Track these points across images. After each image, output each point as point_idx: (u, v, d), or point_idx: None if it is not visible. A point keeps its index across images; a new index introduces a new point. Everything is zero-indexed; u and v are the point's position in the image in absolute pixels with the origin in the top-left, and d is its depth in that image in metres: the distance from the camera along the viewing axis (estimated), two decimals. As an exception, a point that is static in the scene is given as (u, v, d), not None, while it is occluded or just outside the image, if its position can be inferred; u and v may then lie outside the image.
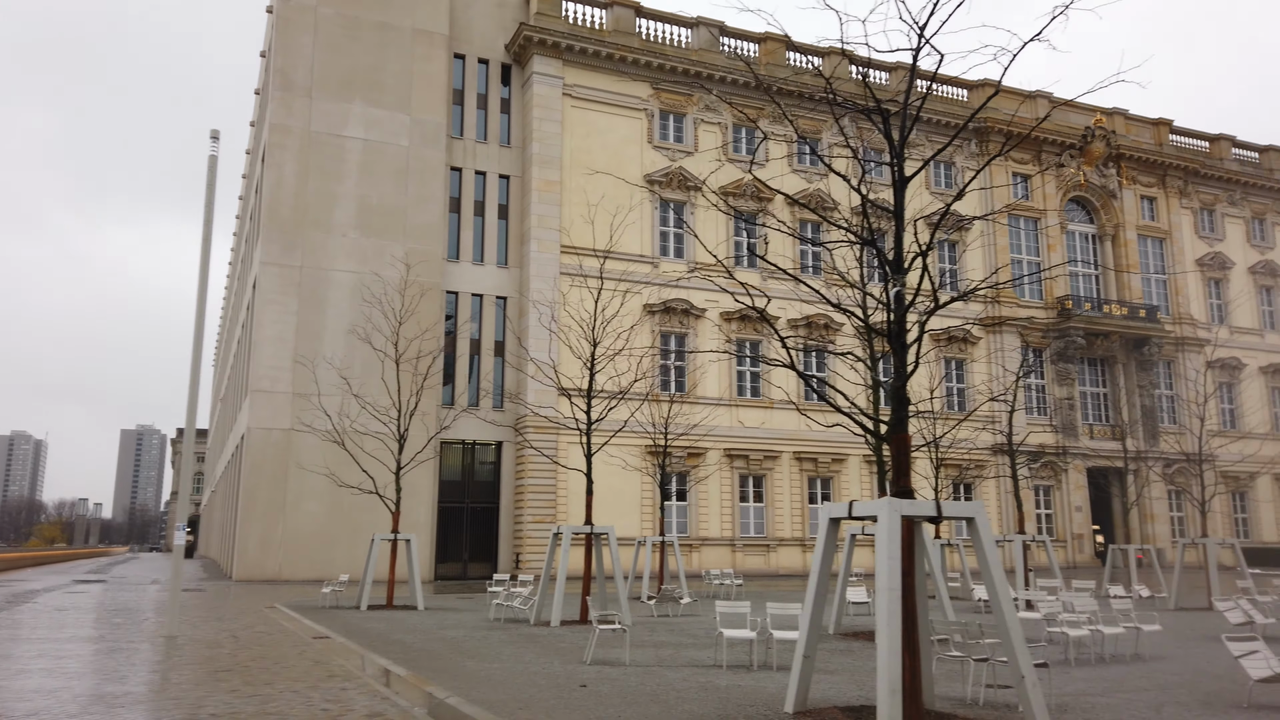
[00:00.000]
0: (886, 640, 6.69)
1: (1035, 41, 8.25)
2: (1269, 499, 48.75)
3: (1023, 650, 7.05)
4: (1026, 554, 23.29)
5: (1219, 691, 9.74)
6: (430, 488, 35.16)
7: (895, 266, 7.92)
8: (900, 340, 7.73)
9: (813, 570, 7.78)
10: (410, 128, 36.50)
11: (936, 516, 7.25)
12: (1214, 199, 50.42)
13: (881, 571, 6.95)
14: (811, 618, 7.61)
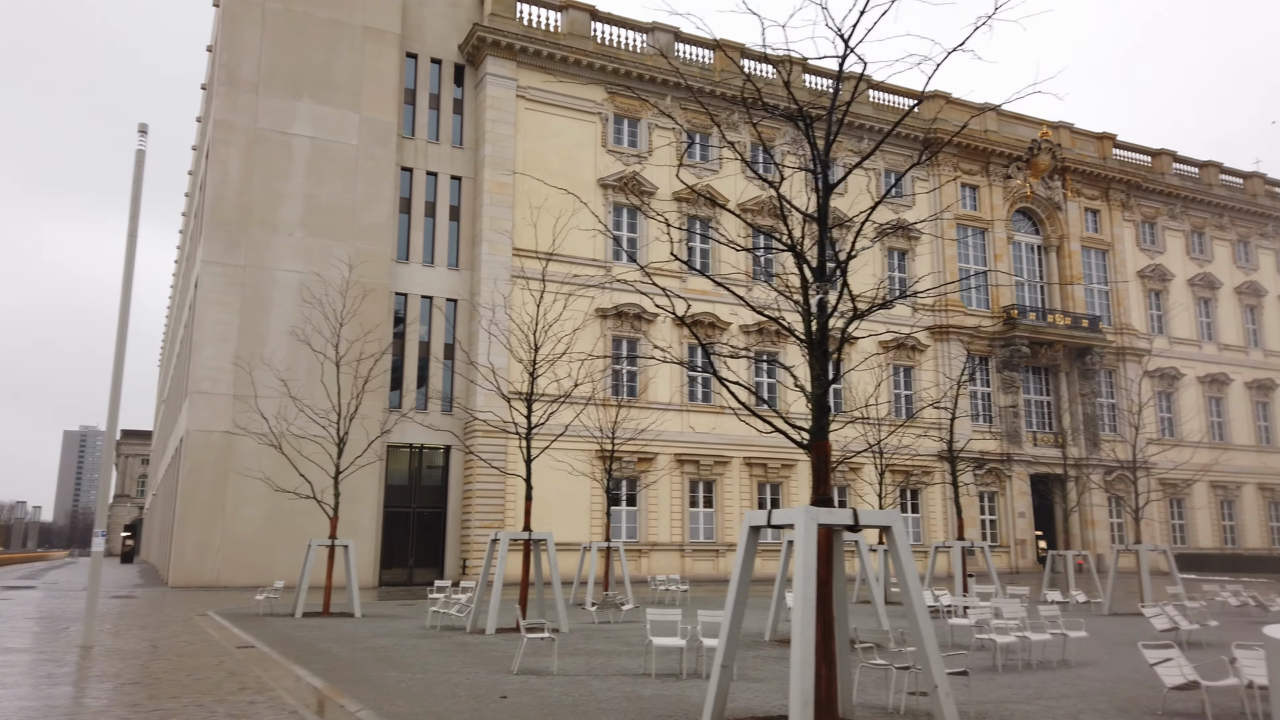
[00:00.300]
0: (800, 650, 6.63)
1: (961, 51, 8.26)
2: (1205, 506, 50.05)
3: (936, 659, 7.04)
4: (966, 560, 23.49)
5: (1137, 698, 9.86)
6: (375, 492, 34.61)
7: (819, 274, 7.89)
8: (821, 347, 7.70)
9: (732, 579, 7.70)
10: (360, 126, 35.97)
11: (854, 525, 7.22)
12: (1155, 212, 51.72)
13: (797, 580, 6.89)
14: (730, 627, 7.53)
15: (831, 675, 7.13)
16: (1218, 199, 53.56)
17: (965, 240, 47.17)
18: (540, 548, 17.07)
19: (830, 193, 8.36)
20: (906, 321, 44.62)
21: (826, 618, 7.21)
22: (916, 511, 44.18)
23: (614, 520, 38.11)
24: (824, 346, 7.69)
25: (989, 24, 7.91)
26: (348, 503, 33.82)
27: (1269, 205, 55.58)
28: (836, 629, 7.75)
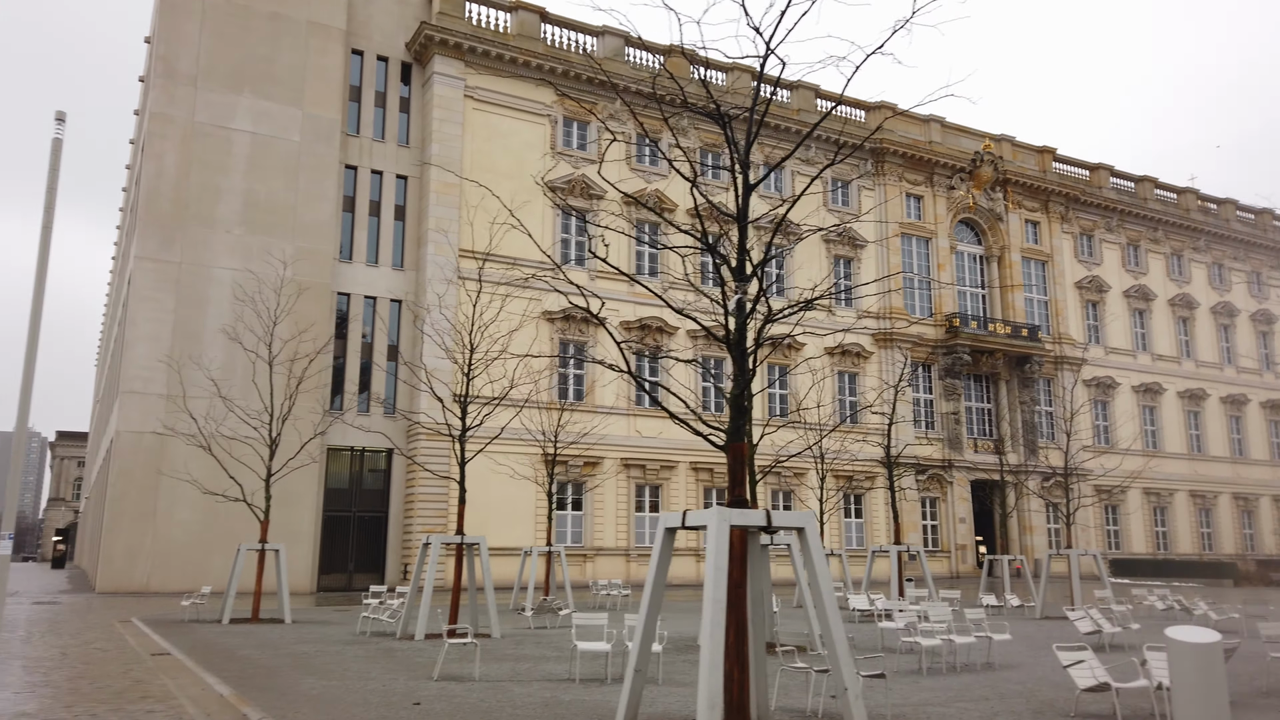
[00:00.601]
0: (709, 652, 6.55)
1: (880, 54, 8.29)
2: (1138, 512, 51.35)
3: (846, 662, 7.02)
4: (903, 564, 23.74)
5: (1053, 700, 9.98)
6: (315, 495, 33.93)
7: (738, 274, 7.84)
8: (740, 348, 7.65)
9: (647, 582, 7.60)
10: (303, 123, 35.30)
11: (767, 526, 7.17)
12: (1093, 225, 53.03)
13: (708, 582, 6.82)
14: (644, 631, 7.43)
15: (744, 678, 7.07)
16: (1153, 213, 55.12)
17: (910, 249, 47.85)
18: (473, 552, 16.81)
19: (750, 193, 8.32)
20: (852, 328, 45.10)
21: (740, 620, 7.15)
22: (860, 516, 44.63)
23: (559, 524, 37.85)
24: (742, 348, 7.64)
25: (907, 28, 7.96)
26: (285, 506, 33.14)
27: (1201, 220, 57.35)
28: (753, 632, 7.69)
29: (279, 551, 20.74)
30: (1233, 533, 54.20)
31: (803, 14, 8.14)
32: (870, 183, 47.33)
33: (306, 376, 22.62)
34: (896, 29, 7.98)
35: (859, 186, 47.06)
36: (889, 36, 8.06)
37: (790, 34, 7.86)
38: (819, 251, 45.35)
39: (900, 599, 21.42)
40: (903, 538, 44.92)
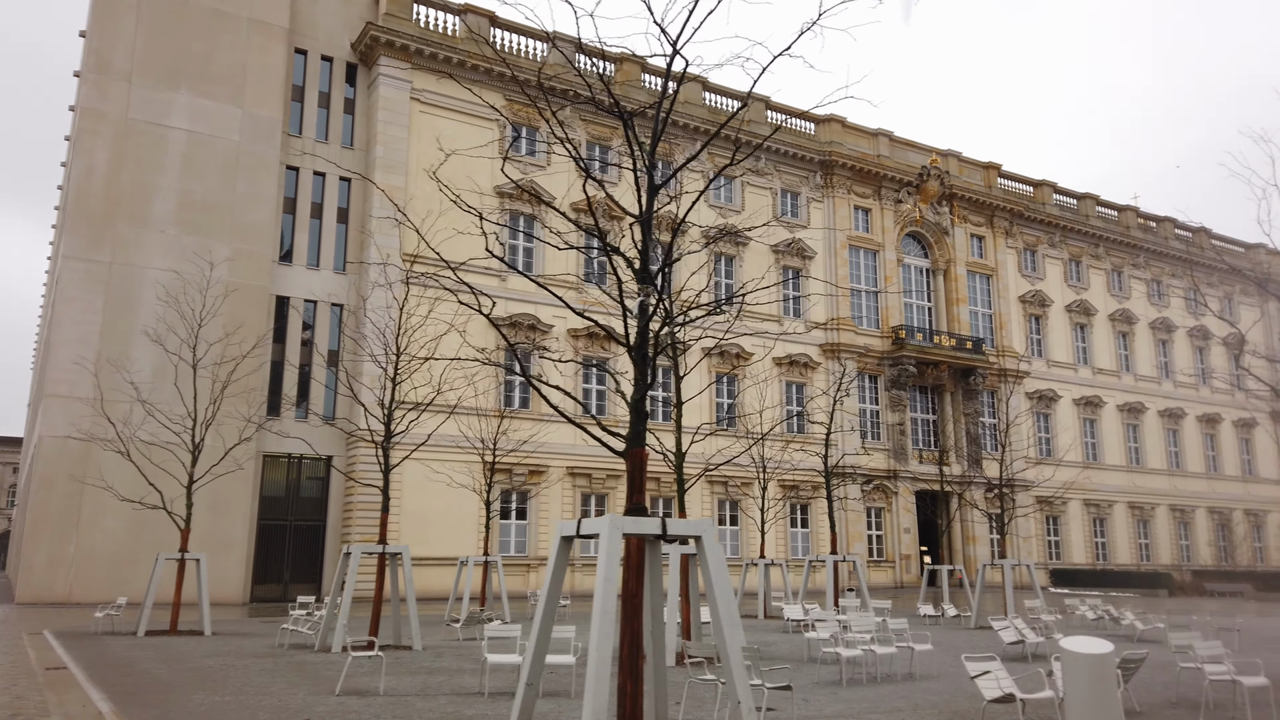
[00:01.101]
0: (595, 667, 6.30)
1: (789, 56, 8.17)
2: (1078, 523, 52.23)
3: (741, 676, 6.82)
4: (838, 574, 23.72)
5: (965, 711, 9.90)
6: (248, 503, 33.08)
7: (641, 276, 7.64)
8: (641, 351, 7.44)
9: (541, 592, 7.34)
10: (242, 121, 34.53)
11: (663, 535, 6.95)
12: (1036, 240, 54.02)
13: (597, 592, 6.58)
14: (537, 643, 7.16)
15: (637, 692, 6.83)
16: (1094, 230, 56.33)
17: (858, 261, 48.28)
18: (396, 561, 16.37)
19: (654, 194, 8.14)
20: (800, 340, 45.33)
21: (635, 632, 6.91)
22: (806, 526, 44.76)
23: (503, 534, 37.38)
24: (643, 351, 7.44)
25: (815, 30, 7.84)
26: (216, 514, 32.25)
27: (1141, 238, 58.75)
28: (653, 644, 7.46)
29: (200, 561, 20.05)
30: (1169, 544, 55.40)
31: (709, 12, 7.99)
32: (819, 195, 47.68)
33: (233, 380, 21.96)
34: (803, 31, 7.88)
35: (808, 199, 47.37)
36: (796, 38, 7.96)
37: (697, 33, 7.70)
38: (768, 262, 45.51)
39: (835, 609, 21.38)
40: (848, 548, 45.18)
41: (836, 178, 47.67)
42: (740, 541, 42.40)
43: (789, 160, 46.80)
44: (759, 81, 8.46)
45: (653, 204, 8.01)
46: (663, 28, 7.96)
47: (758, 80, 8.30)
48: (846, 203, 47.94)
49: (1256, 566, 56.92)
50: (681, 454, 16.89)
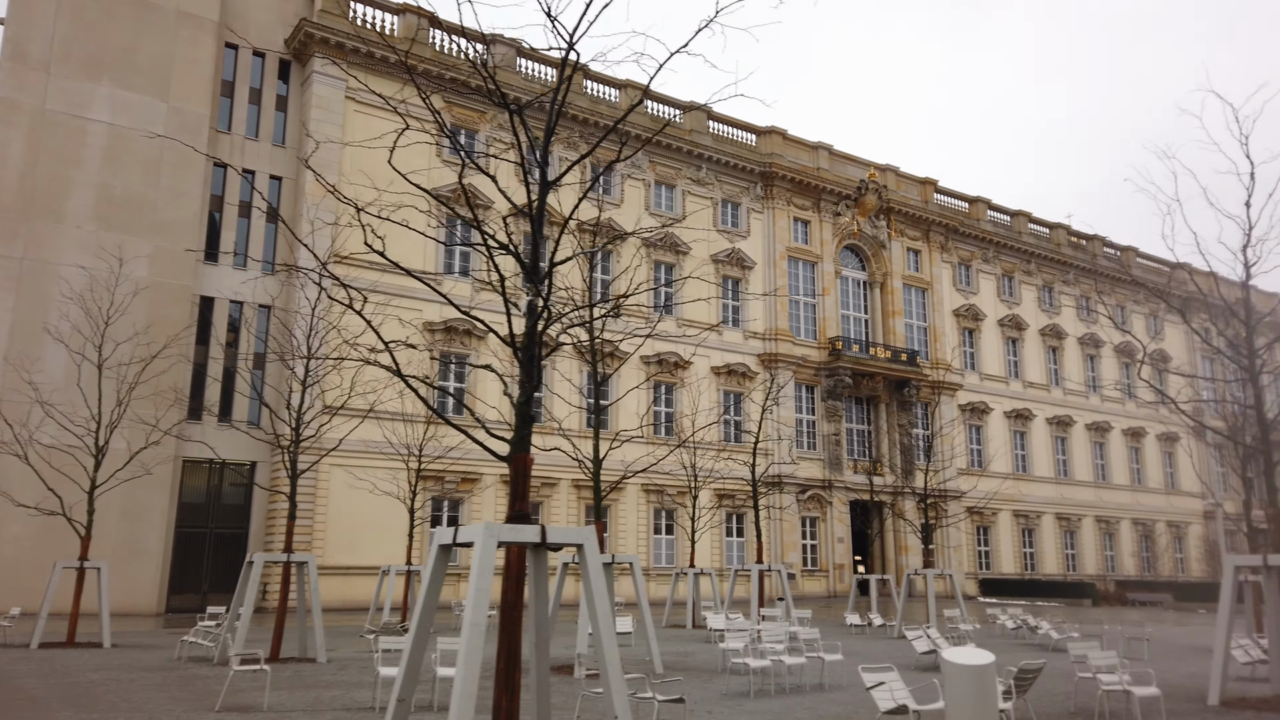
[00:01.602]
0: (462, 682, 6.03)
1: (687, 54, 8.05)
2: (1008, 533, 53.24)
3: (619, 689, 6.61)
4: (763, 583, 23.70)
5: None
6: (164, 510, 31.94)
7: (531, 274, 7.41)
8: (529, 353, 7.21)
9: (417, 604, 7.05)
10: (167, 116, 33.48)
11: (542, 543, 6.71)
12: (970, 255, 55.11)
13: (469, 603, 6.31)
14: (410, 657, 6.86)
15: (513, 708, 6.57)
16: (1026, 246, 57.68)
17: (796, 272, 48.67)
18: (303, 571, 15.84)
19: (546, 190, 7.93)
20: (738, 349, 45.52)
21: (513, 645, 6.65)
22: (741, 536, 44.82)
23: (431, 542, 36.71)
24: (530, 352, 7.21)
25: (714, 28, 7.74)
26: (130, 521, 31.08)
27: (1070, 255, 60.33)
28: (537, 657, 7.21)
29: (100, 570, 19.19)
30: (1095, 554, 56.78)
31: (604, 5, 7.83)
32: (759, 206, 47.99)
33: (142, 381, 21.10)
34: (701, 28, 7.77)
35: (749, 209, 47.64)
36: (693, 35, 7.84)
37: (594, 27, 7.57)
38: (708, 271, 45.62)
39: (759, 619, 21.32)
40: (783, 556, 45.38)
41: (776, 189, 48.05)
42: (675, 551, 42.28)
43: (730, 171, 47.05)
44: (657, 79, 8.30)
45: (544, 200, 7.79)
46: (551, 16, 7.76)
47: (654, 77, 8.15)
48: (786, 214, 48.33)
49: (1177, 577, 58.64)
50: (599, 460, 16.65)
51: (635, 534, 41.28)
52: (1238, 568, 11.36)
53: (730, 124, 47.98)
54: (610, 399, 42.40)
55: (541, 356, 7.25)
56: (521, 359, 7.16)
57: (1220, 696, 10.95)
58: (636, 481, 41.04)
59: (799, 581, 45.11)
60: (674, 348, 43.42)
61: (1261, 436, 11.57)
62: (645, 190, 44.65)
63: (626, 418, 40.60)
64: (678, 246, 44.58)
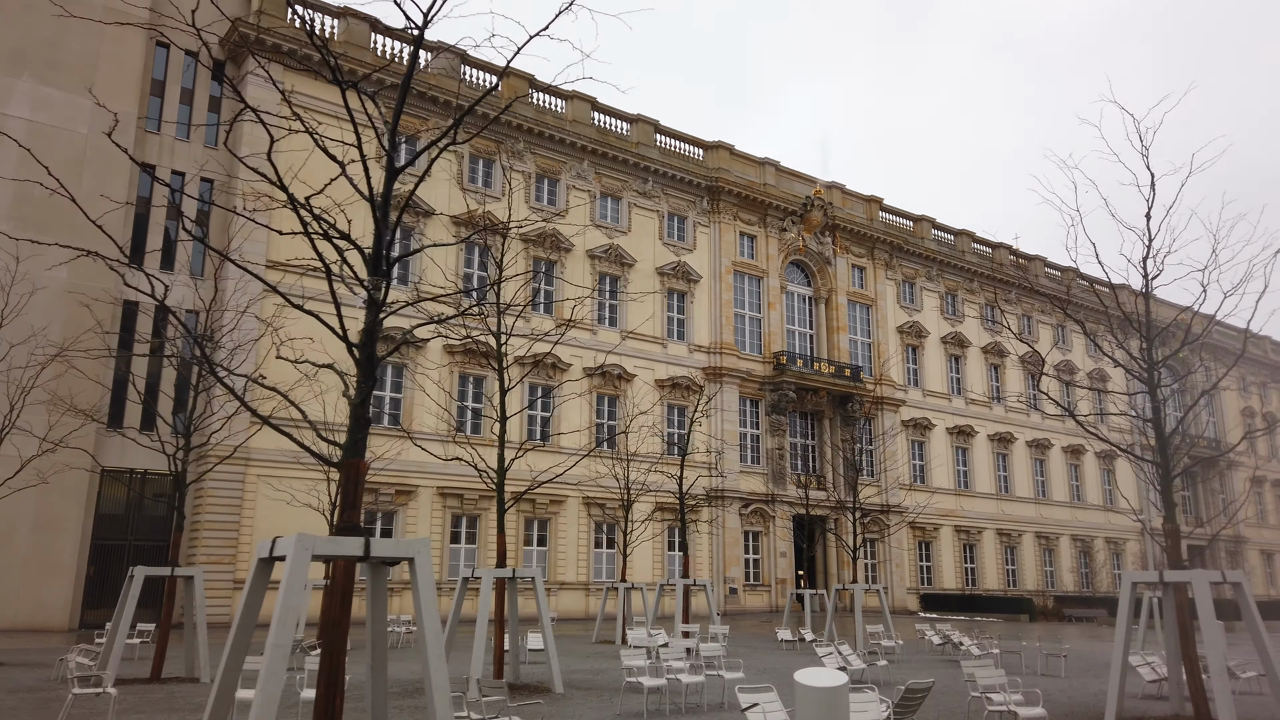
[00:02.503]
0: (259, 709, 5.55)
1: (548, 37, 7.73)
2: (949, 548, 53.56)
3: (443, 709, 6.17)
4: (688, 598, 23.33)
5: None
6: (79, 521, 30.75)
7: (373, 267, 6.98)
8: (366, 350, 6.77)
9: (234, 621, 6.55)
10: (92, 114, 32.46)
11: (365, 556, 6.26)
12: (914, 273, 55.61)
13: (275, 621, 5.83)
14: (222, 677, 6.35)
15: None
16: (969, 265, 58.38)
17: (742, 287, 48.67)
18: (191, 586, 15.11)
19: (395, 176, 7.52)
20: (683, 362, 45.31)
21: (335, 668, 6.18)
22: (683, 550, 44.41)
23: (365, 557, 35.86)
24: (369, 349, 6.77)
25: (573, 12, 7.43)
26: (41, 533, 29.83)
27: (1012, 274, 61.18)
28: (374, 679, 6.74)
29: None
30: (1034, 570, 57.34)
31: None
32: (706, 220, 47.96)
33: (36, 385, 20.18)
34: (561, 11, 7.46)
35: (695, 223, 47.57)
36: (554, 18, 7.54)
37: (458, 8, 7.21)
38: (653, 284, 45.41)
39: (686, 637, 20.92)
40: (725, 570, 45.11)
41: (723, 204, 48.07)
42: (617, 565, 41.77)
43: (677, 184, 46.96)
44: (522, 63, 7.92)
45: (391, 187, 7.37)
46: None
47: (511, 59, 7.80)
48: (732, 229, 48.35)
49: (1114, 592, 59.40)
50: (503, 470, 16.20)
51: (576, 548, 40.72)
52: (1135, 584, 11.23)
53: (677, 138, 47.95)
54: (552, 412, 41.90)
55: (378, 356, 6.81)
56: (359, 357, 6.72)
57: (1116, 716, 10.78)
58: (577, 495, 40.54)
59: (741, 596, 44.82)
60: (618, 360, 43.07)
61: (1159, 450, 11.50)
62: (591, 202, 44.35)
63: (568, 430, 40.14)
64: (623, 258, 44.33)
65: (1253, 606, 10.57)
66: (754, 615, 43.37)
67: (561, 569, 40.02)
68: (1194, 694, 10.21)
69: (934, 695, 12.76)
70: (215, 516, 32.38)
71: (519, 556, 39.22)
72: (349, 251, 7.62)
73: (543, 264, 42.41)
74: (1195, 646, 10.48)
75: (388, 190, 7.40)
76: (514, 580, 14.93)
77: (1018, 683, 10.89)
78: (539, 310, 41.80)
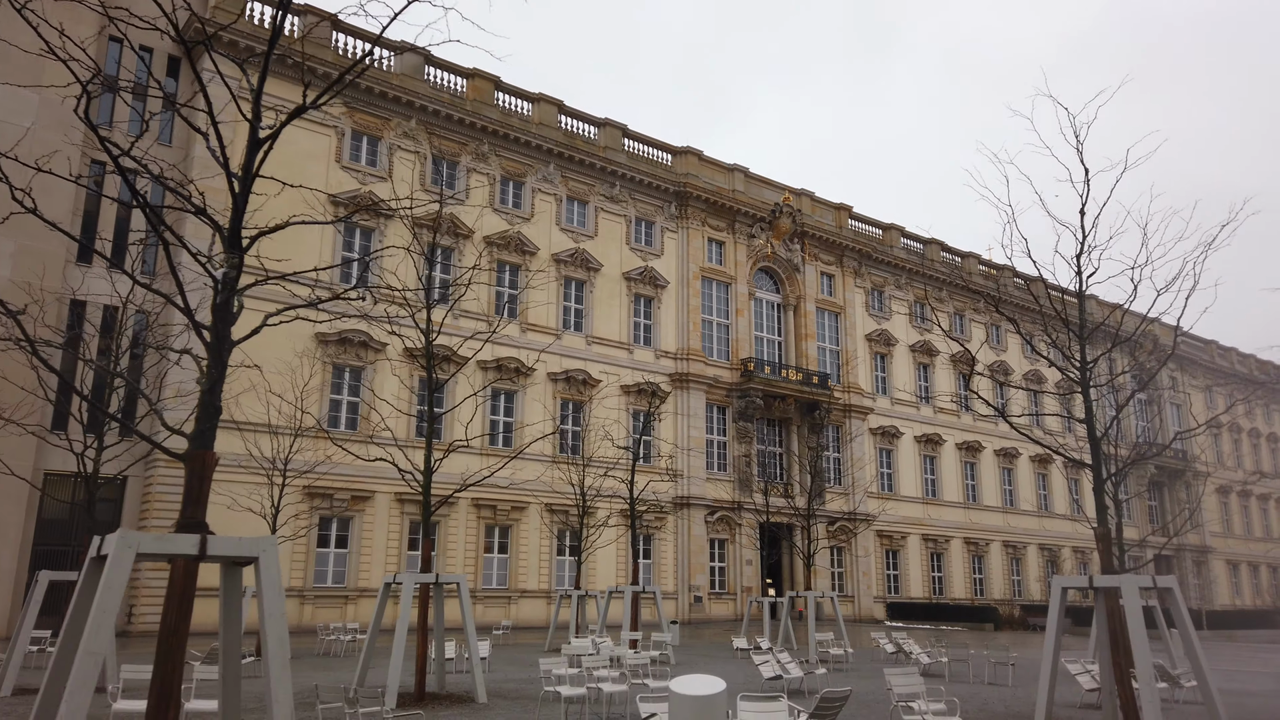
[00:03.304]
0: (66, 718, 5.06)
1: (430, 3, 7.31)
2: (917, 557, 53.39)
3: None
4: (637, 605, 22.88)
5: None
6: (20, 526, 29.89)
7: (229, 243, 6.52)
8: (219, 333, 6.31)
9: (64, 624, 6.04)
10: (40, 109, 31.73)
11: (200, 555, 5.78)
12: (883, 281, 55.57)
13: (90, 624, 5.34)
14: (45, 689, 5.84)
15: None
16: (938, 274, 58.43)
17: (710, 293, 48.39)
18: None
19: (259, 148, 7.07)
20: (649, 368, 44.91)
21: (170, 676, 5.70)
22: (649, 557, 43.99)
23: (320, 563, 35.11)
24: (222, 330, 6.30)
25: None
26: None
27: (981, 284, 61.32)
28: (225, 690, 6.25)
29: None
30: (1002, 579, 57.30)
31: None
32: (674, 225, 47.67)
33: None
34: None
35: (663, 228, 47.27)
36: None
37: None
38: (620, 289, 45.04)
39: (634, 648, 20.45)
40: (690, 578, 44.64)
41: (691, 209, 47.81)
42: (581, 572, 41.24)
43: (644, 189, 46.66)
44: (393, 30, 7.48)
45: (254, 159, 6.92)
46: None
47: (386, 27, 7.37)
48: (701, 234, 48.08)
49: (1080, 602, 59.44)
50: (430, 471, 15.69)
51: (538, 555, 40.15)
52: (1065, 589, 10.91)
53: (646, 142, 47.68)
54: (514, 415, 41.33)
55: (232, 339, 6.34)
56: (209, 341, 6.25)
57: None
58: (539, 502, 39.99)
59: (706, 604, 44.37)
60: (583, 365, 42.62)
61: (1092, 453, 11.21)
62: (557, 205, 43.94)
63: (532, 435, 39.59)
64: (589, 263, 43.93)
65: (1185, 613, 10.29)
66: (719, 624, 42.93)
67: (523, 576, 39.44)
68: (1124, 703, 9.90)
69: (864, 704, 12.38)
70: (161, 520, 31.58)
71: (479, 563, 38.63)
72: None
73: (505, 267, 41.85)
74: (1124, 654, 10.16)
75: (249, 164, 6.93)
76: (440, 586, 14.42)
77: (941, 691, 10.53)
78: (503, 314, 41.29)
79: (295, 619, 33.34)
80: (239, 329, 6.48)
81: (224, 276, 6.41)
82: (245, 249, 6.54)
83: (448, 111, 40.66)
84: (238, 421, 29.38)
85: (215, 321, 6.30)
